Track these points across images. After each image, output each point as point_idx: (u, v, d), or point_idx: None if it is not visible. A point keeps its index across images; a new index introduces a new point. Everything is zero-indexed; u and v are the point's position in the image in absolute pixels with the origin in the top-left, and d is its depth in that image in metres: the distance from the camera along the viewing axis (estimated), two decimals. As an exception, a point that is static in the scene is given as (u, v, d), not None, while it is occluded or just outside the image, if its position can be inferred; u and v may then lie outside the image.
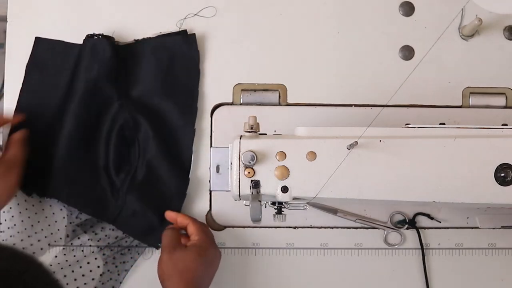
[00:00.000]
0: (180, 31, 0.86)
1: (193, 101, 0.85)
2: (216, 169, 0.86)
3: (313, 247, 0.85)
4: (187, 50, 0.86)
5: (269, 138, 0.69)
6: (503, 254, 0.86)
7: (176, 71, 0.85)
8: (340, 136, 0.67)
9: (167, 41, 0.85)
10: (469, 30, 0.86)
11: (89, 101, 0.82)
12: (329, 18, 0.88)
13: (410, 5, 0.88)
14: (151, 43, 0.86)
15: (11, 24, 0.87)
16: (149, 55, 0.85)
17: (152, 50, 0.85)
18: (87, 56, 0.82)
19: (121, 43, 0.86)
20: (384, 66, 0.87)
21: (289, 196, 0.67)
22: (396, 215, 0.86)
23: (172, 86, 0.85)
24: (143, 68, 0.85)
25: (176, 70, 0.85)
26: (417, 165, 0.67)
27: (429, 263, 0.85)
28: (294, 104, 0.87)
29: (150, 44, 0.85)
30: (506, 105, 0.87)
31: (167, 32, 0.86)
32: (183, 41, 0.86)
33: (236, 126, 0.84)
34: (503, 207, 0.75)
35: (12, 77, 0.86)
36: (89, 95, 0.82)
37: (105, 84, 0.83)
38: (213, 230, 0.85)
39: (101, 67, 0.82)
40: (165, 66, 0.85)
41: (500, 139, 0.67)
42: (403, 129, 0.70)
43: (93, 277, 0.83)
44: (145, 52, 0.85)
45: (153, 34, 0.86)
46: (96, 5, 0.88)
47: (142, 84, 0.85)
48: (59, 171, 0.82)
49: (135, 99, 0.85)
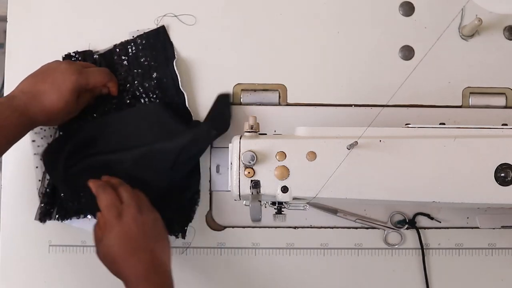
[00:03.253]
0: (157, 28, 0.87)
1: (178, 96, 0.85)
2: (216, 169, 0.86)
3: (313, 247, 0.85)
4: (160, 43, 0.86)
5: (269, 138, 0.69)
6: (503, 254, 0.86)
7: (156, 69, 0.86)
8: (340, 136, 0.67)
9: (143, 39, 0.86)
10: (469, 30, 0.86)
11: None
12: (329, 18, 0.88)
13: (410, 5, 0.88)
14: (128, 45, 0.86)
15: (11, 24, 0.87)
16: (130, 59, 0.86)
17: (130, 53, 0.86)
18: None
19: (100, 51, 0.86)
20: (384, 66, 0.87)
21: (289, 196, 0.67)
22: (396, 215, 0.86)
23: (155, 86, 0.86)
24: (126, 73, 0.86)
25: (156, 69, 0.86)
26: (417, 165, 0.67)
27: (429, 263, 0.85)
28: (294, 104, 0.87)
29: (127, 47, 0.86)
30: (506, 105, 0.87)
31: (144, 31, 0.86)
32: (154, 35, 0.86)
33: (236, 126, 0.84)
34: (503, 207, 0.75)
35: (12, 77, 0.86)
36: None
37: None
38: (213, 230, 0.85)
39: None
40: (147, 67, 0.86)
41: (500, 139, 0.67)
42: (403, 129, 0.70)
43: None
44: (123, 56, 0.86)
45: (130, 33, 0.86)
46: (96, 5, 0.88)
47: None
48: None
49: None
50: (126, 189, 0.76)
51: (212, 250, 0.85)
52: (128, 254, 0.70)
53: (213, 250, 0.85)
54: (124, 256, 0.70)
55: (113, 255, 0.70)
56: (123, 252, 0.70)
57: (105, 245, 0.72)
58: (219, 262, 0.85)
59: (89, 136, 0.84)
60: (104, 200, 0.74)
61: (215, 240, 0.85)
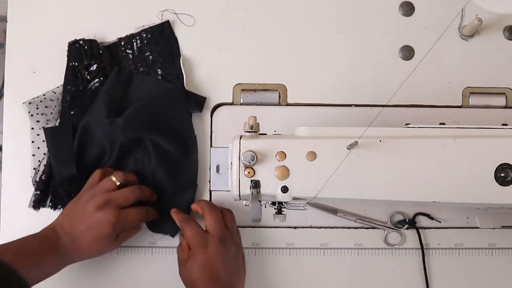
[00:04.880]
0: (162, 22, 0.87)
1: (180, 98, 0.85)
2: (216, 169, 0.86)
3: (313, 247, 0.85)
4: (164, 38, 0.86)
5: (269, 138, 0.69)
6: (503, 254, 0.86)
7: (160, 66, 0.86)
8: (340, 136, 0.67)
9: (148, 34, 0.87)
10: (469, 30, 0.86)
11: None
12: (329, 18, 0.88)
13: (410, 5, 0.88)
14: (133, 39, 0.87)
15: (11, 24, 0.87)
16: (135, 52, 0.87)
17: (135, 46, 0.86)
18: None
19: (105, 43, 0.86)
20: (384, 66, 0.87)
21: (289, 196, 0.67)
22: (396, 215, 0.86)
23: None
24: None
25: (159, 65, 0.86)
26: (417, 165, 0.67)
27: (429, 263, 0.85)
28: (294, 104, 0.87)
29: (131, 40, 0.87)
30: (506, 105, 0.87)
31: (149, 25, 0.87)
32: (159, 30, 0.86)
33: (236, 126, 0.84)
34: (503, 207, 0.75)
35: (12, 77, 0.86)
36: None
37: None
38: (213, 230, 0.85)
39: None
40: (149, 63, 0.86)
41: (500, 139, 0.67)
42: (403, 129, 0.70)
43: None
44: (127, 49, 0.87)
45: (136, 29, 0.87)
46: (96, 5, 0.88)
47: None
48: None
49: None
50: (212, 217, 0.80)
51: (212, 250, 0.85)
52: (209, 281, 0.76)
53: (213, 250, 0.85)
54: (205, 283, 0.76)
55: (195, 280, 0.76)
56: (204, 279, 0.76)
57: (188, 269, 0.77)
58: (219, 262, 0.85)
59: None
60: (189, 230, 0.79)
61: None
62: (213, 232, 0.78)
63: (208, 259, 0.77)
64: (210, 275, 0.76)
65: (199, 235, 0.78)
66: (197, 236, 0.78)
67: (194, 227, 0.80)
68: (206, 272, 0.76)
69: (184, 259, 0.79)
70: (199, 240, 0.78)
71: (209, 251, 0.77)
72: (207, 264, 0.76)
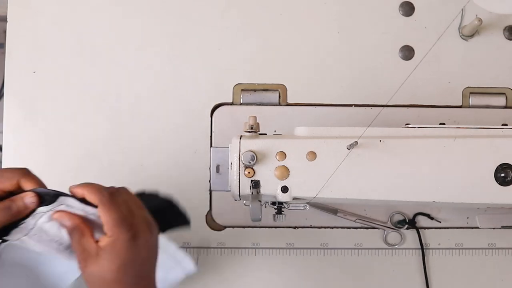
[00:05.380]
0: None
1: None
2: (216, 169, 0.86)
3: (313, 247, 0.85)
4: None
5: (269, 138, 0.69)
6: (503, 254, 0.86)
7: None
8: (340, 136, 0.67)
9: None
10: (469, 30, 0.86)
11: None
12: (329, 18, 0.88)
13: (410, 5, 0.88)
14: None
15: (11, 24, 0.87)
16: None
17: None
18: None
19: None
20: (384, 66, 0.87)
21: (289, 196, 0.67)
22: (396, 215, 0.86)
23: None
24: None
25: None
26: (417, 165, 0.67)
27: (429, 263, 0.85)
28: (294, 104, 0.87)
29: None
30: (506, 105, 0.87)
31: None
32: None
33: (236, 126, 0.84)
34: (503, 207, 0.75)
35: (12, 77, 0.86)
36: None
37: None
38: (213, 230, 0.85)
39: None
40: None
41: (500, 139, 0.67)
42: (403, 129, 0.70)
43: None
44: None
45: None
46: (96, 5, 0.88)
47: None
48: None
49: None
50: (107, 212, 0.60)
51: (212, 250, 0.85)
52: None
53: (213, 250, 0.85)
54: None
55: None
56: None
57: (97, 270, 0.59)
58: (219, 262, 0.85)
59: None
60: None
61: (215, 240, 0.85)
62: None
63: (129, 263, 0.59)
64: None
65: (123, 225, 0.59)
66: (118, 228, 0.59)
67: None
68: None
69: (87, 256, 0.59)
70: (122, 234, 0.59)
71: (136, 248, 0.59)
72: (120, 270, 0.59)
